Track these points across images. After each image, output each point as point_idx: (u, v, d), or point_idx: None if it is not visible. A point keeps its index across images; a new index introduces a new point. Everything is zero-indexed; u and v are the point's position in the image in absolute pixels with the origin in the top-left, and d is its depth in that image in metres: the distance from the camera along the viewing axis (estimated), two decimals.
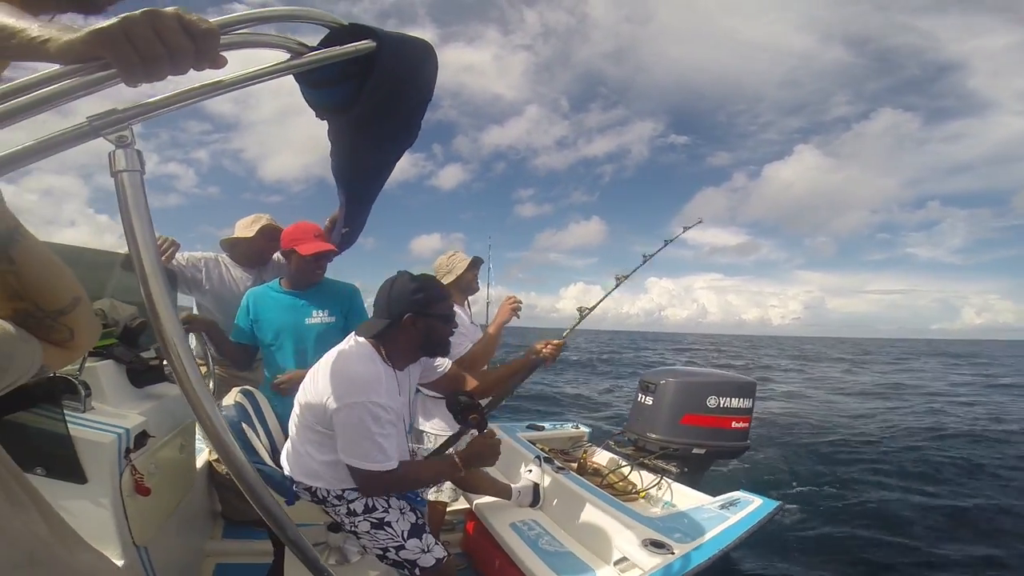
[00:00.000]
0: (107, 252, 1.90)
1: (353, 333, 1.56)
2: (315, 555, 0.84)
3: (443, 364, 1.80)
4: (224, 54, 0.60)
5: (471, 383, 1.84)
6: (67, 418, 1.28)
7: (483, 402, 1.86)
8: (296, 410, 1.55)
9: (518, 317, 2.44)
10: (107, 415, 1.40)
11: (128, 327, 1.65)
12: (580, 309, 2.17)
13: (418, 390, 1.88)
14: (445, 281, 2.44)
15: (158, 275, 0.56)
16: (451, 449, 1.90)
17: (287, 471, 1.59)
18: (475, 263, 2.48)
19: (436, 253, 2.67)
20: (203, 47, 0.56)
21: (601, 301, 2.30)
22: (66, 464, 1.28)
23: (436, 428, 2.27)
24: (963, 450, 6.55)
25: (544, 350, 1.99)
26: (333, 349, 1.55)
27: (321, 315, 2.08)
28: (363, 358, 1.45)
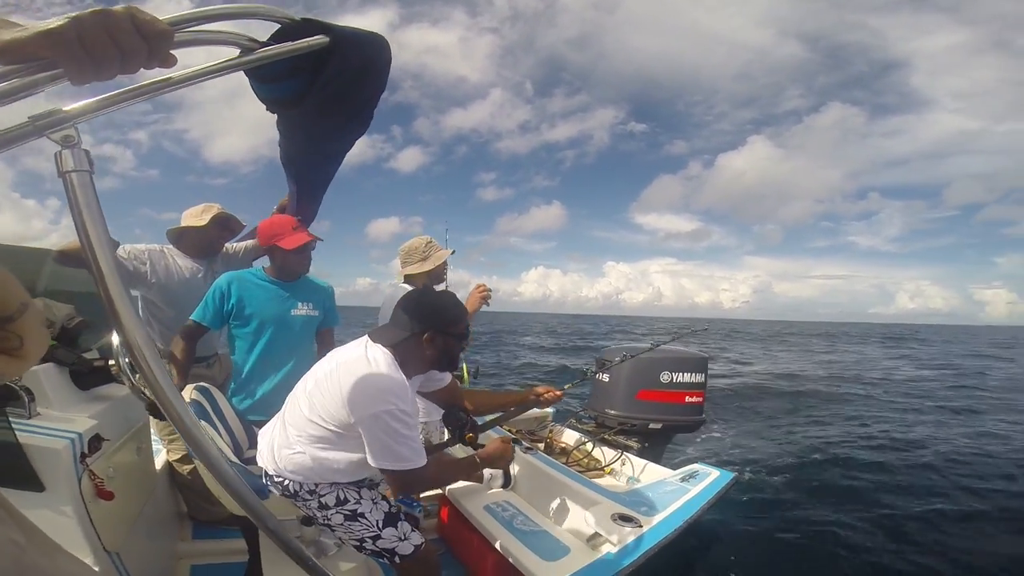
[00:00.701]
0: (36, 249, 1.80)
1: (367, 338, 1.56)
2: (298, 545, 0.86)
3: (445, 376, 1.84)
4: (175, 52, 0.59)
5: (467, 400, 1.93)
6: (14, 425, 1.23)
7: (480, 421, 1.97)
8: (300, 404, 1.53)
9: (487, 305, 2.48)
10: (56, 420, 1.35)
11: (66, 327, 1.58)
12: (586, 370, 2.52)
13: None
14: (417, 268, 2.46)
15: (115, 274, 0.57)
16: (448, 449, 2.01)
17: (263, 464, 1.58)
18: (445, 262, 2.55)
19: (394, 237, 2.74)
20: (156, 47, 0.55)
21: (595, 374, 2.69)
22: (20, 472, 1.24)
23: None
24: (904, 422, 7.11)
25: (544, 395, 2.11)
26: (348, 351, 1.55)
27: (306, 308, 2.14)
28: (390, 367, 1.47)
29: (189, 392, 1.71)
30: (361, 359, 1.48)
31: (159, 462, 2.20)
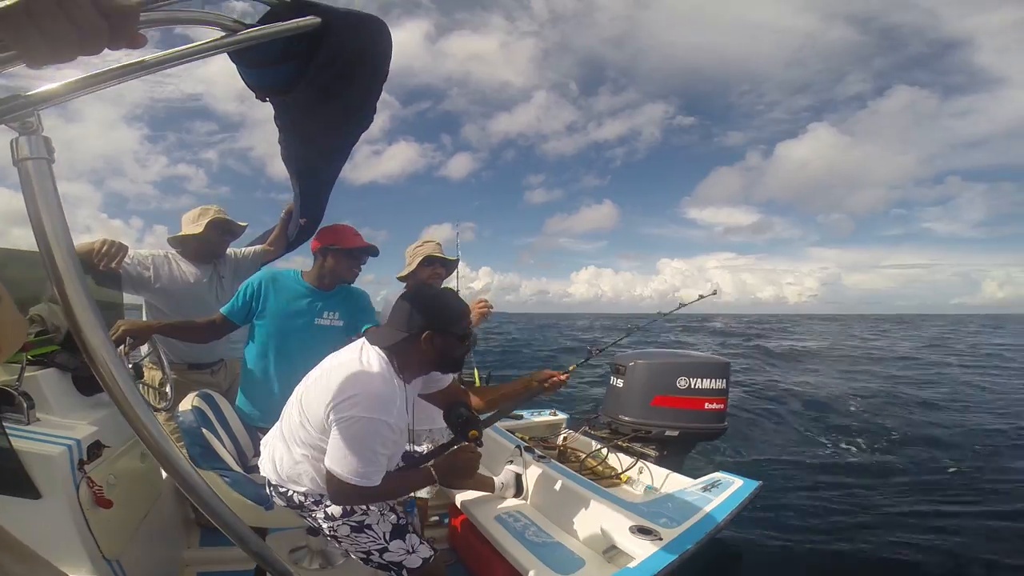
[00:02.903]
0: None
1: (364, 339, 1.49)
2: (284, 567, 0.80)
3: (446, 377, 1.75)
4: (148, 32, 0.55)
5: (471, 398, 1.82)
6: (10, 431, 1.20)
7: (482, 417, 1.85)
8: (295, 410, 1.47)
9: (487, 320, 2.38)
10: (54, 426, 1.33)
11: (70, 333, 1.56)
12: (590, 349, 2.27)
13: None
14: (405, 271, 2.38)
15: (73, 273, 0.51)
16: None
17: (265, 473, 1.53)
18: (427, 261, 2.38)
19: (447, 242, 2.60)
20: (118, 25, 0.50)
21: (606, 348, 2.48)
22: (15, 479, 1.22)
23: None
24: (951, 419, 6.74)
25: (549, 380, 1.98)
26: (343, 354, 1.48)
27: (331, 317, 2.09)
28: (381, 372, 1.39)
29: (191, 399, 1.68)
30: (354, 361, 1.41)
31: None
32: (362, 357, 1.42)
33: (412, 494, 2.09)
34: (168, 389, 1.89)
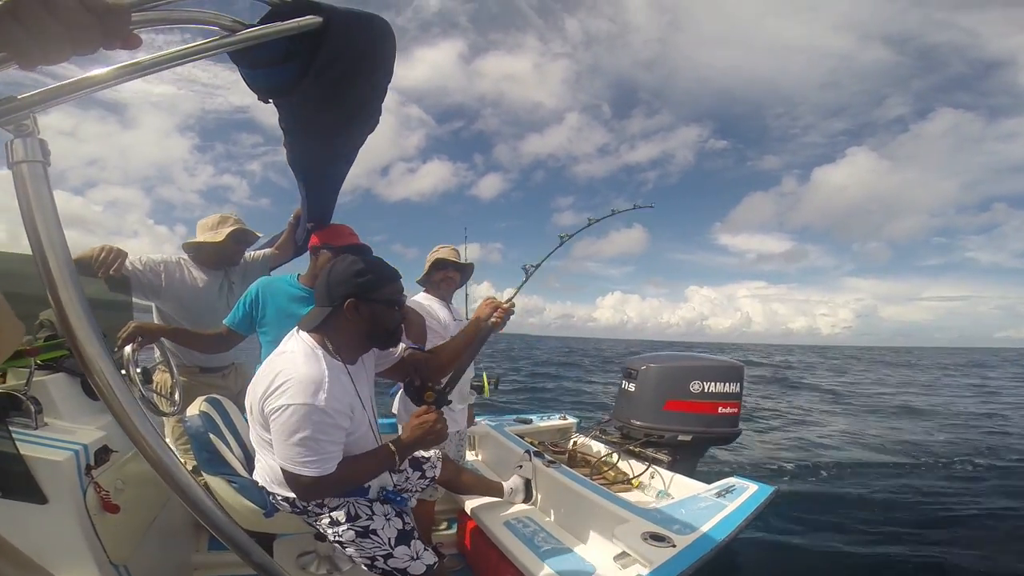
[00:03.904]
0: None
1: (296, 327, 1.45)
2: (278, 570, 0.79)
3: (397, 350, 1.68)
4: (145, 34, 0.54)
5: (428, 365, 1.73)
6: (17, 435, 1.21)
7: (444, 380, 1.74)
8: (248, 417, 1.45)
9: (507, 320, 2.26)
10: (62, 431, 1.33)
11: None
12: (526, 267, 1.97)
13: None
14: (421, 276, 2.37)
15: (68, 278, 0.50)
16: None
17: (260, 480, 1.52)
18: (438, 264, 2.35)
19: (477, 262, 2.56)
20: (110, 24, 0.50)
21: (547, 258, 2.00)
22: (21, 484, 1.22)
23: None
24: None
25: (495, 313, 1.82)
26: (279, 347, 1.43)
27: None
28: (305, 356, 1.33)
29: (199, 404, 1.67)
30: (280, 352, 1.36)
31: None
32: (287, 345, 1.37)
33: (413, 501, 2.06)
34: (177, 394, 1.89)
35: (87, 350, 0.52)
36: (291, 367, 1.30)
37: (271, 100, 0.92)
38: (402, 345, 1.70)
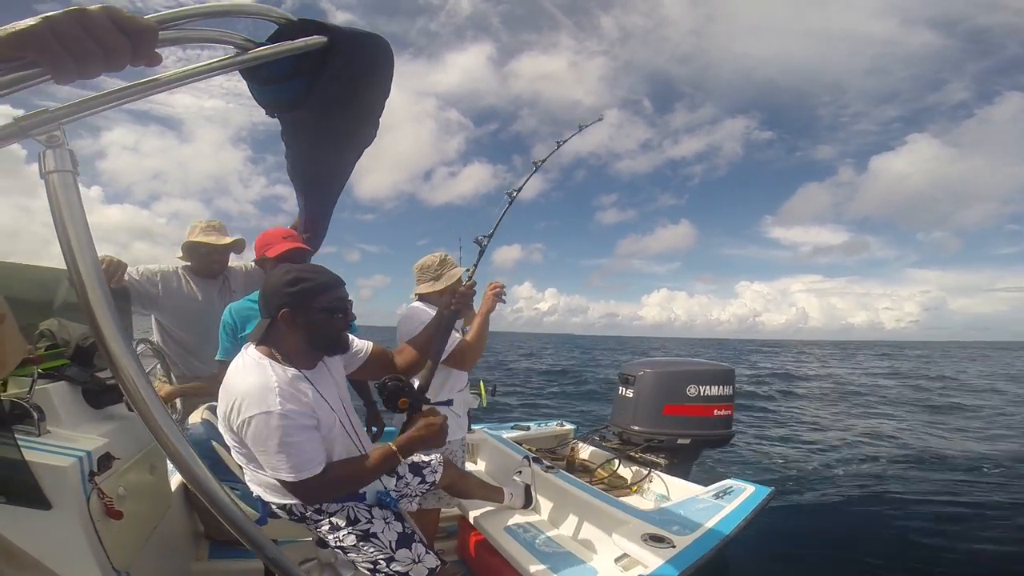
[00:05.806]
0: (53, 269, 1.82)
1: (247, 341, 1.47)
2: (298, 573, 0.81)
3: (362, 349, 1.65)
4: (164, 51, 0.58)
5: (398, 361, 1.73)
6: (21, 442, 1.21)
7: (415, 382, 1.75)
8: (225, 438, 1.46)
9: (503, 302, 2.25)
10: (64, 438, 1.34)
11: (80, 347, 1.57)
12: (478, 239, 1.91)
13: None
14: (428, 287, 2.23)
15: (97, 283, 0.53)
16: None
17: (254, 491, 1.52)
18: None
19: (516, 263, 2.52)
20: (139, 43, 0.54)
21: (497, 226, 2.03)
22: (26, 490, 1.22)
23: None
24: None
25: (455, 298, 1.79)
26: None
27: None
28: (251, 367, 1.34)
29: (201, 412, 1.69)
30: (230, 371, 1.37)
31: (175, 481, 2.18)
32: (236, 362, 1.39)
33: (412, 507, 2.06)
34: (177, 402, 1.90)
35: (114, 349, 0.54)
36: (239, 382, 1.32)
37: (276, 114, 0.96)
38: (368, 345, 1.68)
